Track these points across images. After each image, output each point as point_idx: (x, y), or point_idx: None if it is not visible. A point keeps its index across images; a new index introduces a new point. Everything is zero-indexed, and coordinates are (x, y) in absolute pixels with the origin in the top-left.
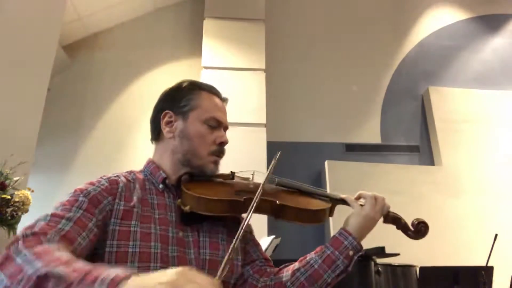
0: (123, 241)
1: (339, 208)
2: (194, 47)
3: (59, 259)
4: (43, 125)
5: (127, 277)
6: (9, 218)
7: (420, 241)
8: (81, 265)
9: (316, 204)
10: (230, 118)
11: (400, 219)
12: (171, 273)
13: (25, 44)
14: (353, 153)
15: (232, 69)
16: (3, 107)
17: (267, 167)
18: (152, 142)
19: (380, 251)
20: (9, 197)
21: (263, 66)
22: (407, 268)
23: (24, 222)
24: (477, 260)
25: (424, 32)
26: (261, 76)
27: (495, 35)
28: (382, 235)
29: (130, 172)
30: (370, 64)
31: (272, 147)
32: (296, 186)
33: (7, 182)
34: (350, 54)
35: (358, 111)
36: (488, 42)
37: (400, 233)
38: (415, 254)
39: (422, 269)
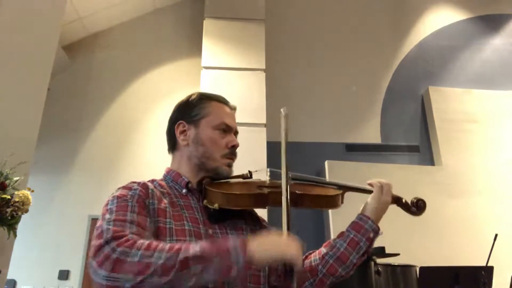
0: (161, 237)
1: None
2: (194, 47)
3: (175, 245)
4: (43, 125)
5: (247, 240)
6: (9, 218)
7: (420, 241)
8: (205, 244)
9: (330, 191)
10: None
11: (401, 199)
12: (278, 236)
13: (25, 44)
14: (353, 153)
15: (232, 69)
16: (3, 107)
17: (267, 167)
18: (169, 153)
19: (380, 251)
20: (9, 197)
21: (263, 66)
22: (407, 268)
23: (24, 222)
24: (477, 260)
25: (424, 32)
26: (261, 76)
27: (495, 35)
28: (382, 235)
29: (153, 181)
30: (370, 64)
31: (272, 147)
32: (309, 178)
33: (7, 182)
34: (350, 54)
35: (358, 111)
36: (488, 42)
37: (400, 233)
38: (415, 254)
39: (422, 269)
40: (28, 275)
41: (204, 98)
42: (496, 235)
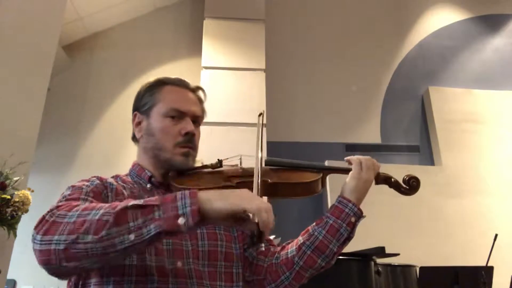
0: None
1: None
2: (194, 47)
3: (116, 203)
4: (43, 125)
5: (199, 190)
6: (9, 218)
7: (420, 241)
8: (152, 197)
9: (308, 177)
10: (230, 118)
11: (391, 178)
12: (236, 191)
13: (25, 44)
14: (353, 153)
15: (232, 69)
16: (3, 107)
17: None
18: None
19: (380, 251)
20: (9, 197)
21: (263, 66)
22: (407, 268)
23: (24, 222)
24: (477, 260)
25: (424, 32)
26: (261, 76)
27: (495, 35)
28: (382, 235)
29: (116, 176)
30: (370, 64)
31: (272, 147)
32: (284, 163)
33: (7, 182)
34: (350, 54)
35: (358, 111)
36: (488, 42)
37: (400, 233)
38: (415, 254)
39: (422, 269)
40: (28, 275)
41: (156, 85)
42: (496, 235)
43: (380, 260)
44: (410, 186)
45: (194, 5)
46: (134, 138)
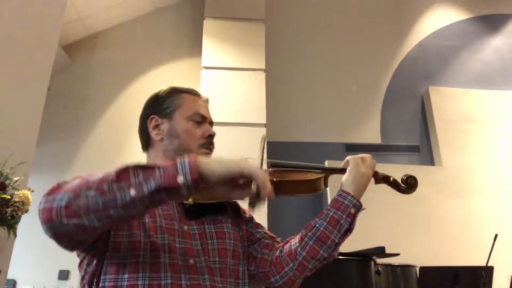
0: (134, 231)
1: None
2: (194, 47)
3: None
4: (43, 125)
5: (195, 156)
6: (9, 218)
7: (420, 241)
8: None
9: (311, 175)
10: (230, 118)
11: (389, 177)
12: (234, 157)
13: (25, 44)
14: (353, 153)
15: (232, 69)
16: (3, 107)
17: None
18: (143, 151)
19: (380, 251)
20: (9, 197)
21: (263, 66)
22: (407, 268)
23: (24, 222)
24: (477, 260)
25: (424, 32)
26: (261, 76)
27: (495, 35)
28: (382, 235)
29: None
30: (370, 64)
31: (272, 147)
32: (288, 164)
33: (7, 182)
34: (350, 54)
35: (358, 111)
36: (488, 42)
37: (400, 233)
38: (415, 254)
39: (422, 269)
40: (28, 275)
41: (175, 91)
42: (496, 235)
43: (380, 260)
44: (408, 184)
45: (194, 5)
46: (146, 143)
